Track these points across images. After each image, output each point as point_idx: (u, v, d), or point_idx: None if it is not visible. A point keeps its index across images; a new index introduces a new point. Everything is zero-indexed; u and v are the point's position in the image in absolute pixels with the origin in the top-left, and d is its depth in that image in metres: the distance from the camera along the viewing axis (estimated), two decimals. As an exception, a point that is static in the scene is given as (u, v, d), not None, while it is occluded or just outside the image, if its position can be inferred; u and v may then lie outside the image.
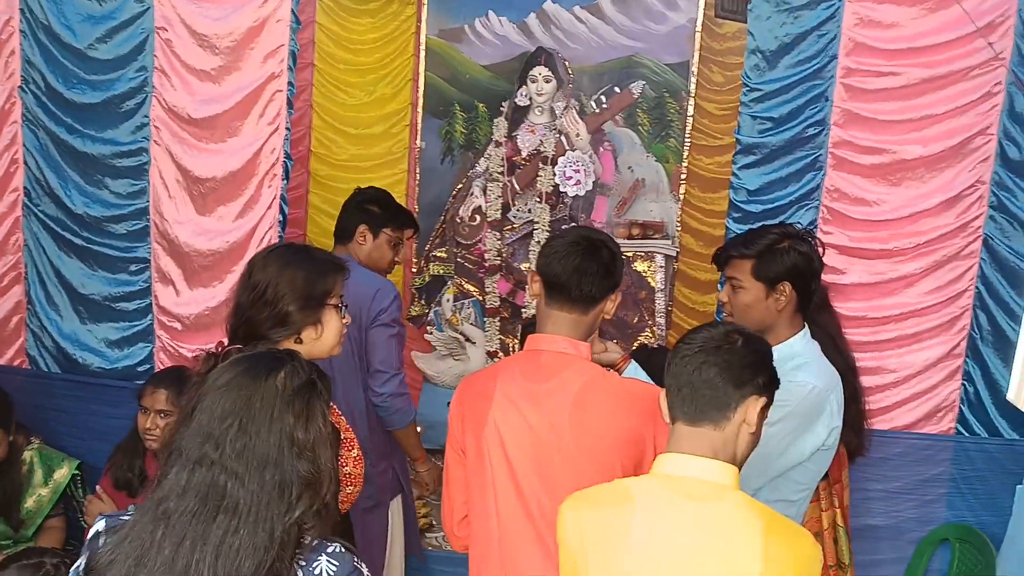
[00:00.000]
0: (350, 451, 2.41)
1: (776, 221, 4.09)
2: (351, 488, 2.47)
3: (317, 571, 1.70)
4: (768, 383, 2.00)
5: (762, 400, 1.97)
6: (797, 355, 2.68)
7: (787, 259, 2.70)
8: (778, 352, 2.57)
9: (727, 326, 2.05)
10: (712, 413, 1.93)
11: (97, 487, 3.67)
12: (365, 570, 1.79)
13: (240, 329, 2.41)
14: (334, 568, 1.72)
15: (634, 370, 2.91)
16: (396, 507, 3.94)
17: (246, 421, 1.68)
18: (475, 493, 2.45)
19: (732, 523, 1.85)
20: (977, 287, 4.17)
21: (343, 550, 1.76)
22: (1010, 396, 2.08)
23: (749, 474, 2.60)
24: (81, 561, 1.76)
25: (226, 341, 2.44)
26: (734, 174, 4.19)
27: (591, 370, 2.42)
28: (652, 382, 2.74)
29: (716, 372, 1.93)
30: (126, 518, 1.75)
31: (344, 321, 2.48)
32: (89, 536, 1.79)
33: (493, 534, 2.40)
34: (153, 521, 1.67)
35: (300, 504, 1.70)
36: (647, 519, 1.87)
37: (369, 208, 3.91)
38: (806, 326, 2.78)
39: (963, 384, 4.26)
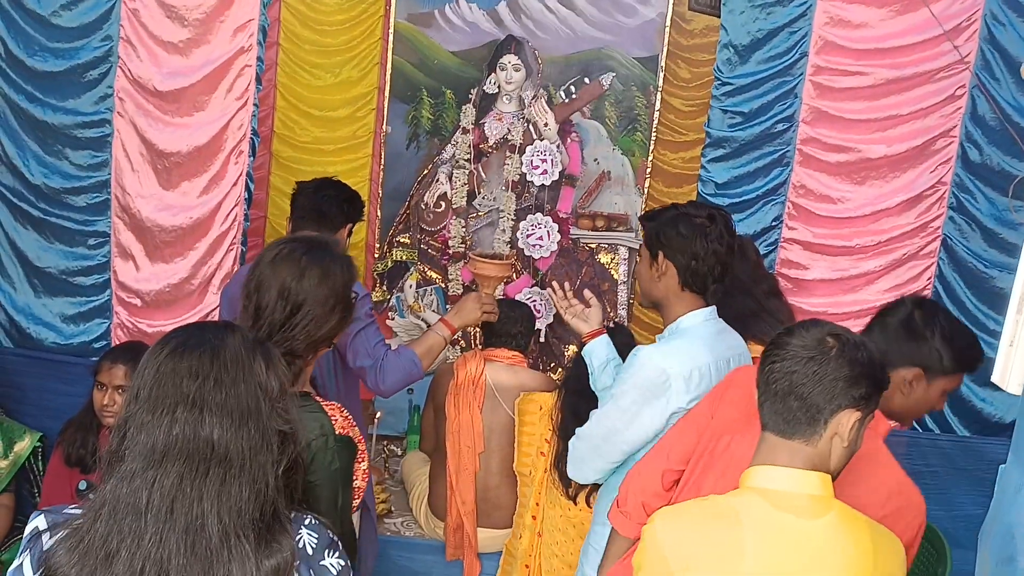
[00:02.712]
0: (360, 463, 2.36)
1: (744, 215, 4.16)
2: (356, 501, 2.41)
3: (300, 544, 1.71)
4: (868, 395, 1.84)
5: (857, 414, 1.83)
6: (679, 334, 2.64)
7: (669, 231, 2.61)
8: (667, 330, 2.67)
9: (823, 328, 1.87)
10: (803, 428, 1.82)
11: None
12: (338, 541, 1.79)
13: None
14: (315, 540, 1.73)
15: (606, 344, 2.95)
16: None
17: (221, 375, 1.66)
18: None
19: (841, 538, 1.79)
20: (935, 286, 4.25)
21: (318, 522, 1.77)
22: (994, 378, 2.13)
23: (606, 450, 2.65)
24: (23, 560, 1.66)
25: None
26: (703, 167, 4.23)
27: None
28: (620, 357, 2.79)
29: (807, 386, 1.80)
30: (72, 511, 1.68)
31: None
32: (28, 533, 1.69)
33: None
34: (132, 494, 1.61)
35: (283, 457, 1.69)
36: (758, 539, 1.78)
37: (355, 205, 3.79)
38: (708, 308, 2.67)
39: None
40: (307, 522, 1.75)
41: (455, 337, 5.04)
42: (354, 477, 2.33)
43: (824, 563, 1.77)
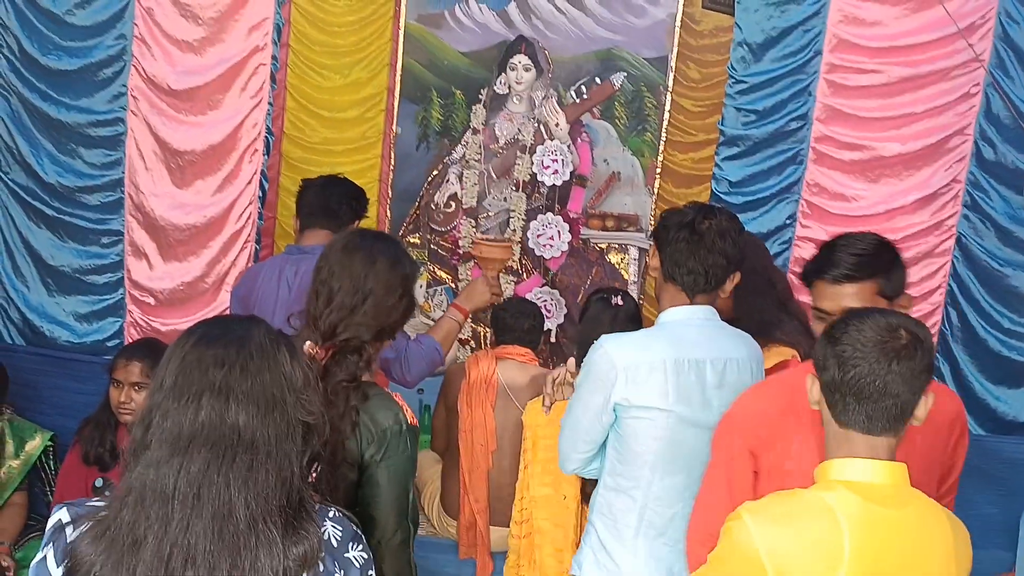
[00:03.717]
0: None
1: (758, 213, 4.19)
2: None
3: (325, 536, 1.70)
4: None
5: (931, 395, 1.85)
6: (657, 327, 2.58)
7: (663, 223, 2.58)
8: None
9: (883, 320, 1.85)
10: (895, 424, 1.82)
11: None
12: (361, 534, 1.80)
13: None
14: (339, 532, 1.74)
15: None
16: None
17: (247, 363, 1.66)
18: None
19: (928, 525, 1.81)
20: (949, 285, 4.29)
21: (342, 515, 1.77)
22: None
23: (575, 440, 2.58)
24: (47, 554, 1.66)
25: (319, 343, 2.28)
26: (717, 165, 4.26)
27: None
28: None
29: (898, 384, 1.79)
30: (96, 503, 1.68)
31: None
32: (51, 527, 1.69)
33: None
34: (158, 481, 1.60)
35: (307, 447, 1.71)
36: (857, 533, 1.76)
37: (361, 202, 3.79)
38: (696, 307, 2.56)
39: (933, 380, 4.33)
40: (331, 515, 1.76)
41: (466, 338, 5.19)
42: None
43: (917, 552, 1.78)
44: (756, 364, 2.61)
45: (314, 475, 1.91)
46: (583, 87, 5.11)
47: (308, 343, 2.23)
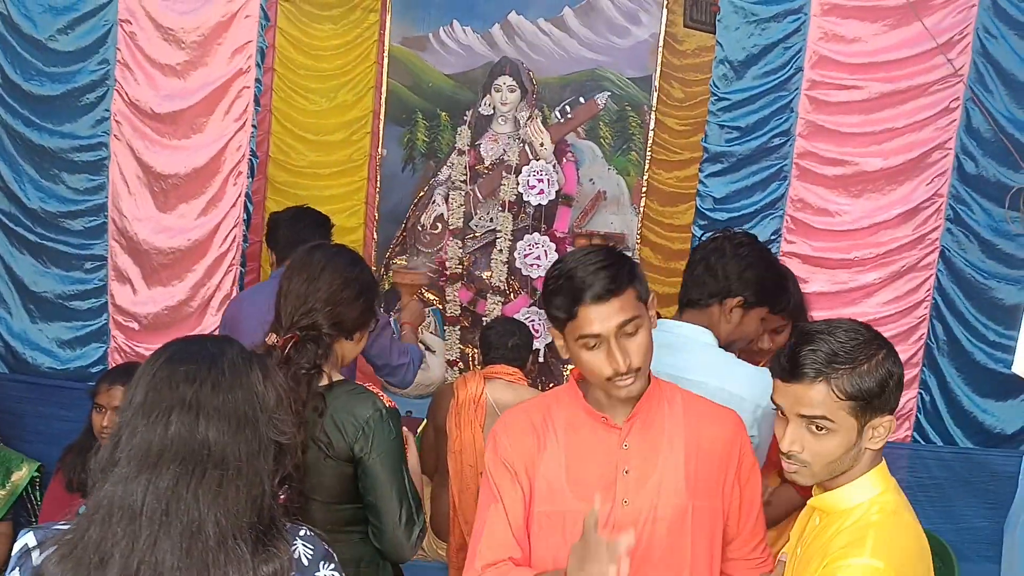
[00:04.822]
0: None
1: (742, 229, 4.21)
2: None
3: (295, 555, 1.69)
4: None
5: None
6: None
7: None
8: None
9: None
10: None
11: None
12: (333, 553, 1.78)
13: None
14: (310, 551, 1.72)
15: None
16: None
17: (219, 380, 1.66)
18: None
19: None
20: (934, 298, 4.30)
21: (313, 534, 1.76)
22: (1015, 368, 2.19)
23: None
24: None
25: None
26: (701, 182, 4.27)
27: None
28: None
29: None
30: (62, 526, 1.65)
31: None
32: (17, 551, 1.66)
33: None
34: (126, 497, 1.58)
35: (279, 467, 1.70)
36: None
37: (329, 227, 3.88)
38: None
39: (919, 393, 4.39)
40: (302, 533, 1.74)
41: (454, 359, 5.21)
42: None
43: None
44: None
45: (283, 497, 1.92)
46: (567, 107, 5.17)
47: (270, 334, 2.31)
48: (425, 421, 4.44)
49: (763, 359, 2.82)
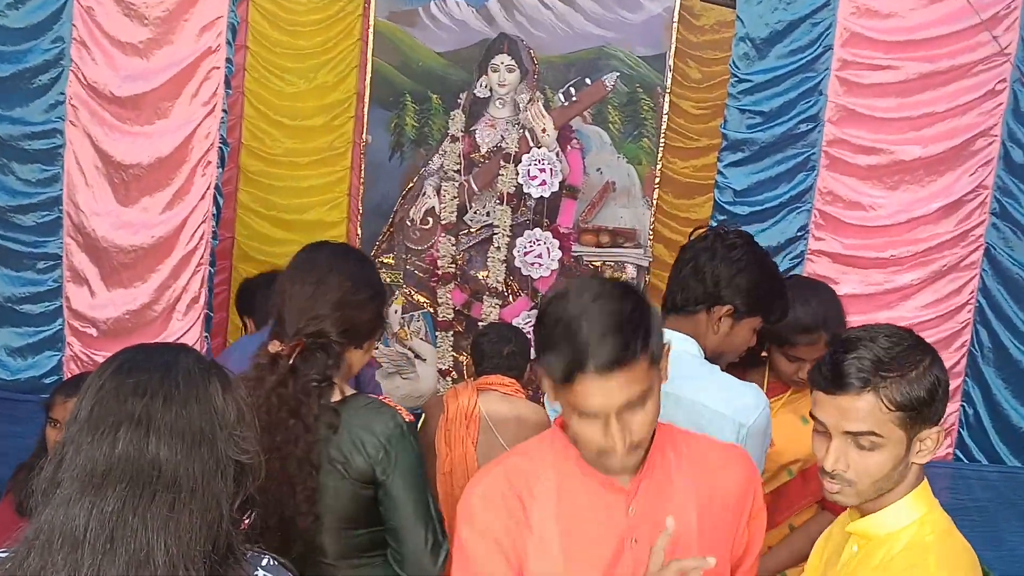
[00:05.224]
0: None
1: (767, 225, 4.13)
2: None
3: None
4: None
5: None
6: None
7: None
8: None
9: None
10: None
11: None
12: None
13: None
14: None
15: None
16: None
17: (172, 392, 1.59)
18: None
19: None
20: (978, 301, 4.24)
21: (277, 563, 1.70)
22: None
23: None
24: None
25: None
26: (719, 173, 4.23)
27: None
28: None
29: None
30: (1, 554, 1.59)
31: None
32: None
33: None
34: (67, 522, 1.52)
35: (240, 489, 1.64)
36: None
37: None
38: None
39: (962, 406, 4.32)
40: (264, 563, 1.68)
41: (447, 368, 5.01)
42: None
43: None
44: None
45: (247, 522, 1.83)
46: (572, 89, 5.00)
47: (273, 341, 2.21)
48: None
49: (753, 373, 2.70)
